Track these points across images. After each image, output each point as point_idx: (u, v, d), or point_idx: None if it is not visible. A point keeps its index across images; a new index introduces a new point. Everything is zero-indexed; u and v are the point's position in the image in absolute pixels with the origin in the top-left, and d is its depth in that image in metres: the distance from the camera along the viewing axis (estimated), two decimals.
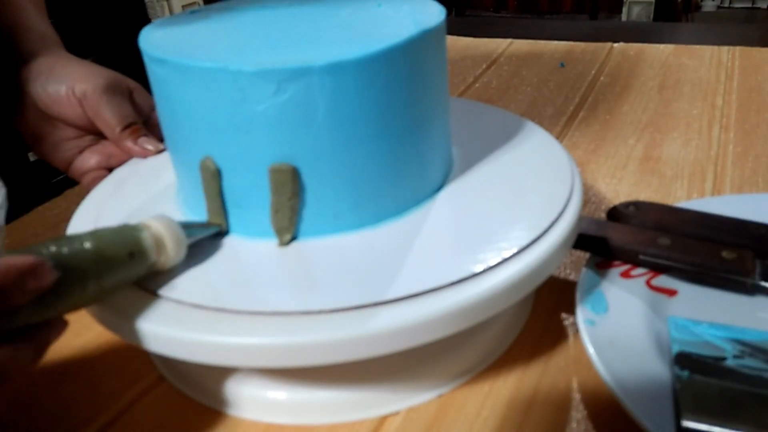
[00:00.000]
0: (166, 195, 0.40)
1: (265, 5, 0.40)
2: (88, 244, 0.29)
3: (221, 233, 0.36)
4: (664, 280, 0.39)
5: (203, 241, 0.35)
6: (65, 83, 0.47)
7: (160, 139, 0.47)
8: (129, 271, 0.31)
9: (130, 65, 0.48)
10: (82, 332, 0.41)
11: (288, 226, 0.34)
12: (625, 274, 0.39)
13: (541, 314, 0.41)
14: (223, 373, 0.36)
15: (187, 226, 0.33)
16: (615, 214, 0.44)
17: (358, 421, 0.34)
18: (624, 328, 0.35)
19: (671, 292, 0.39)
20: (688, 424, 0.29)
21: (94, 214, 0.39)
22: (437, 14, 0.36)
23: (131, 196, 0.41)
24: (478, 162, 0.41)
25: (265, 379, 0.35)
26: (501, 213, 0.36)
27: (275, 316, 0.30)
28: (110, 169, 0.50)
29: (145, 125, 0.49)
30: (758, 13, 3.04)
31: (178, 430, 0.35)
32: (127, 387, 0.38)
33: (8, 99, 0.49)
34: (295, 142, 0.32)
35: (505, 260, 0.32)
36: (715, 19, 2.97)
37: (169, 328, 0.30)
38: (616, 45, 0.86)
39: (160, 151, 0.46)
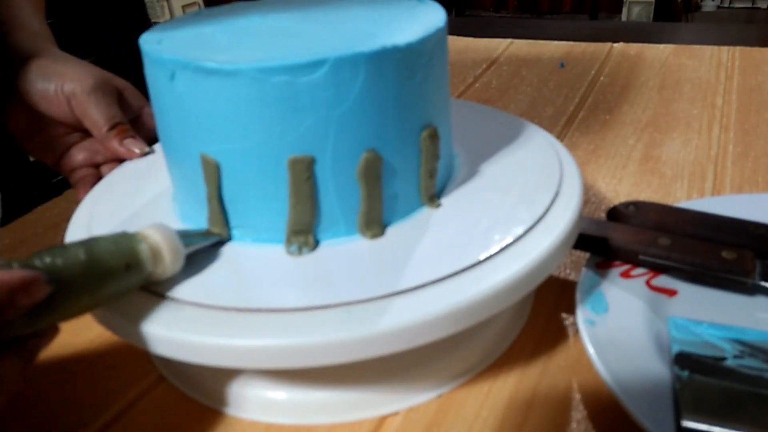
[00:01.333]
0: (164, 200, 0.40)
1: (265, 9, 0.39)
2: (83, 255, 0.28)
3: (221, 242, 0.35)
4: (664, 280, 0.39)
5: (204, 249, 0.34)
6: (54, 81, 0.47)
7: (148, 140, 0.47)
8: (125, 283, 0.30)
9: (130, 65, 0.48)
10: (82, 332, 0.41)
11: (379, 218, 0.34)
12: (625, 274, 0.39)
13: (541, 314, 0.41)
14: (224, 373, 0.36)
15: (186, 235, 0.33)
16: (615, 214, 0.44)
17: (358, 421, 0.34)
18: (624, 328, 0.35)
19: (671, 292, 0.39)
20: (688, 424, 0.29)
21: (87, 221, 0.38)
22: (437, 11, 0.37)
23: (129, 203, 0.40)
24: (478, 164, 0.41)
25: (265, 379, 0.35)
26: (501, 213, 0.36)
27: (281, 314, 0.30)
28: (96, 166, 0.50)
29: (133, 124, 0.48)
30: (758, 13, 3.04)
31: (178, 430, 0.35)
32: (127, 387, 0.38)
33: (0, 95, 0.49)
34: (377, 127, 0.32)
35: (505, 259, 0.32)
36: (715, 19, 2.97)
37: (175, 331, 0.30)
38: (616, 45, 0.86)
39: (145, 154, 0.46)
